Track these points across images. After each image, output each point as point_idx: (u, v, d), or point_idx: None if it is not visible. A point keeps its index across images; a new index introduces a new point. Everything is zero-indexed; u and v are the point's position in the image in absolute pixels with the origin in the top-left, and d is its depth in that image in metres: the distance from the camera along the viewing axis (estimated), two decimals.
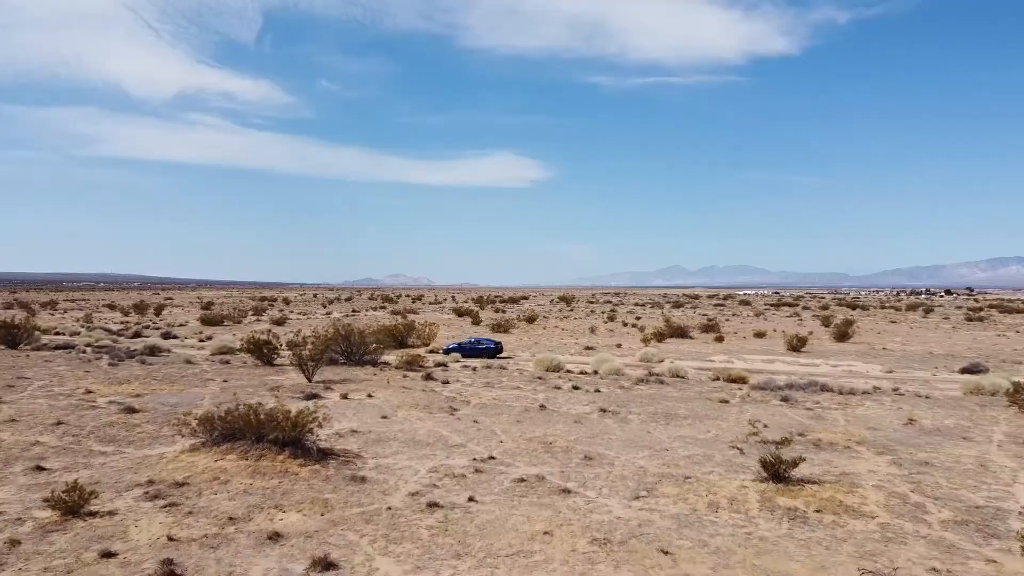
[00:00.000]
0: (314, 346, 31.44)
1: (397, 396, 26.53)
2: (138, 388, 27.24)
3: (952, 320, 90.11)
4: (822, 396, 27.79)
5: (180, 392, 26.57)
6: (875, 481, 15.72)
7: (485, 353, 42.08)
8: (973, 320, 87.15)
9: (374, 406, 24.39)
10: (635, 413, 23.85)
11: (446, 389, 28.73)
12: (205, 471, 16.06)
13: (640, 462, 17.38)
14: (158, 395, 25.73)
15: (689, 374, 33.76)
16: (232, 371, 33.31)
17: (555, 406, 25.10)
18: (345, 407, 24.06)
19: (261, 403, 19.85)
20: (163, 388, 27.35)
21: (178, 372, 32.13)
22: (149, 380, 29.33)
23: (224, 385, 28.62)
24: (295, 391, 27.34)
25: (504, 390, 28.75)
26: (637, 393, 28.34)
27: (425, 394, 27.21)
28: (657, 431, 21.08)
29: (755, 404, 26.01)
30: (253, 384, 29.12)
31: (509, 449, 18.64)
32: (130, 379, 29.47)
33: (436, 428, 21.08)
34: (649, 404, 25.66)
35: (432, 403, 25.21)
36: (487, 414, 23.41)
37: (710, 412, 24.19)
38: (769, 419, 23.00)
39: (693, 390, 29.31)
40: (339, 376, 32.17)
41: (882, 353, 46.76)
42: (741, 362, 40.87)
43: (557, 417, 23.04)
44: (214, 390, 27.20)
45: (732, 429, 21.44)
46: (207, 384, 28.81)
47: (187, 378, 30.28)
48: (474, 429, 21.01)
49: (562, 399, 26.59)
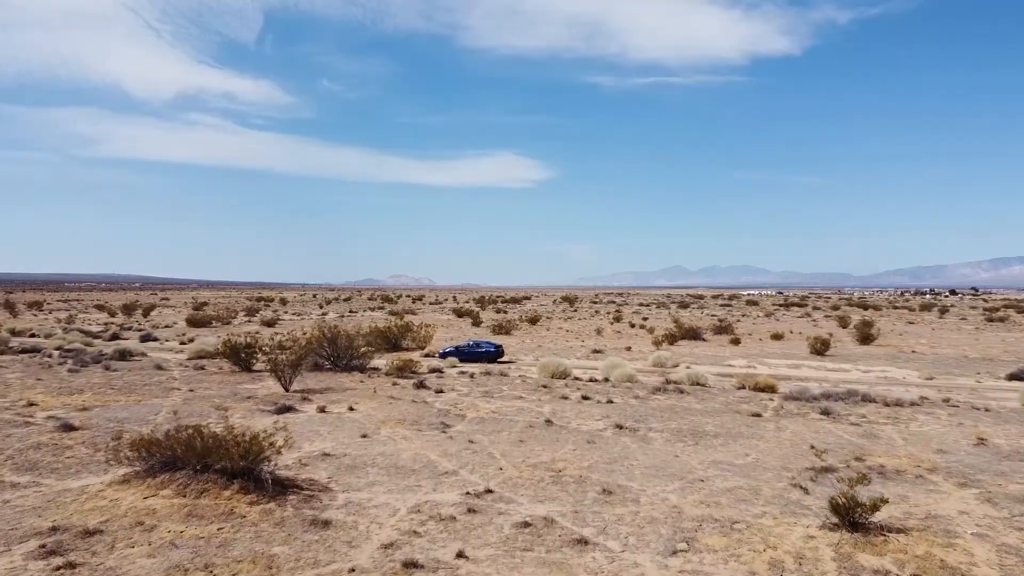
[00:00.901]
0: (294, 350, 28.21)
1: (382, 409, 23.29)
2: (89, 399, 24.04)
3: (970, 321, 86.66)
4: (866, 408, 24.49)
5: (136, 404, 23.36)
6: (973, 528, 12.43)
7: (484, 357, 38.82)
8: (994, 321, 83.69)
9: (354, 421, 21.15)
10: (656, 430, 20.57)
11: (439, 400, 25.49)
12: (129, 512, 12.83)
13: (671, 498, 14.11)
14: (109, 408, 22.52)
15: (710, 381, 30.48)
16: (204, 378, 30.10)
17: (563, 421, 21.84)
18: (320, 423, 20.82)
19: (209, 423, 16.66)
20: (118, 399, 24.14)
21: (142, 380, 28.92)
22: (105, 389, 26.12)
23: (189, 395, 25.41)
24: (267, 402, 24.12)
25: (505, 401, 25.51)
26: (655, 404, 25.07)
27: (415, 406, 23.96)
28: (686, 454, 17.80)
29: (792, 418, 22.73)
30: (222, 394, 25.90)
31: (510, 479, 15.39)
32: (84, 388, 26.27)
33: (424, 450, 17.83)
34: (671, 418, 22.39)
35: (422, 417, 21.97)
36: (485, 431, 20.16)
37: (743, 429, 20.91)
38: (813, 437, 19.72)
39: (717, 400, 26.03)
40: (321, 384, 28.94)
41: (912, 357, 43.42)
42: (764, 367, 37.56)
43: (566, 435, 19.77)
44: (175, 402, 23.99)
45: (774, 451, 18.15)
46: (170, 394, 25.60)
47: (150, 387, 27.07)
48: (469, 451, 17.76)
49: (571, 412, 23.34)
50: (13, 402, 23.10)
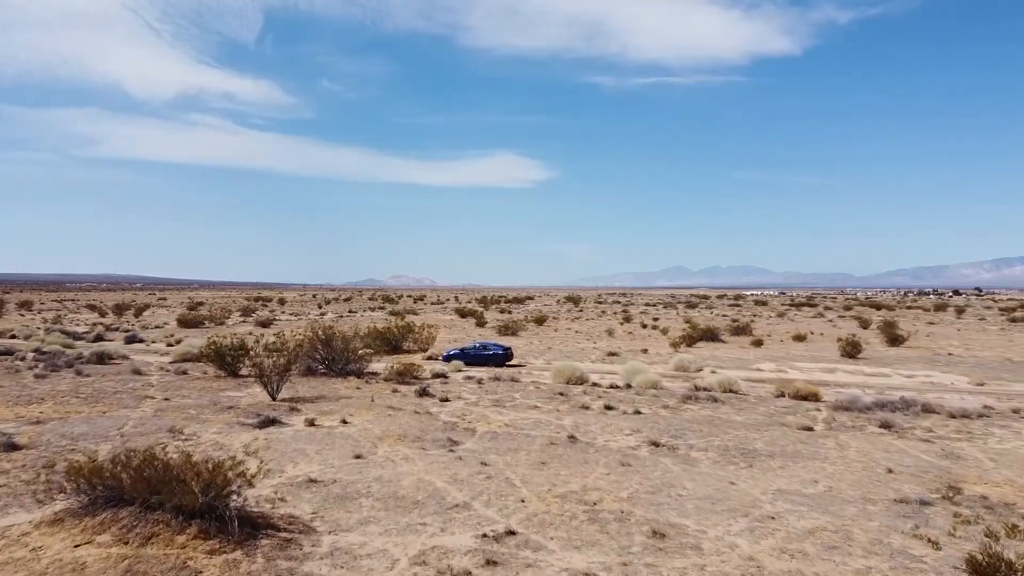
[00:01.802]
0: (283, 353, 25.33)
1: (380, 421, 20.42)
2: (48, 410, 21.20)
3: (991, 321, 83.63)
4: (929, 420, 21.60)
5: (99, 416, 20.50)
6: None
7: (492, 360, 35.92)
8: (1017, 321, 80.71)
9: (347, 437, 18.28)
10: (699, 448, 17.69)
11: (445, 410, 22.63)
12: (51, 567, 10.00)
13: (741, 543, 11.24)
14: (67, 421, 19.67)
15: (742, 388, 27.60)
16: (184, 384, 27.26)
17: (589, 436, 18.97)
18: (308, 440, 17.96)
19: (177, 442, 13.82)
20: (80, 410, 21.29)
21: (114, 386, 26.08)
22: (70, 398, 23.28)
23: (163, 405, 22.55)
24: (250, 414, 21.26)
25: (519, 411, 22.64)
26: (689, 416, 22.19)
27: (417, 418, 21.09)
28: (742, 480, 14.92)
29: (849, 433, 19.84)
30: (201, 403, 23.04)
31: (535, 515, 12.53)
32: (46, 396, 23.43)
33: (429, 475, 14.97)
34: (712, 433, 19.51)
35: (425, 432, 19.10)
36: (499, 450, 17.30)
37: (799, 447, 18.02)
38: (885, 458, 16.84)
39: (758, 411, 23.15)
40: (314, 391, 26.09)
41: (950, 360, 40.49)
42: (795, 372, 34.66)
43: (595, 455, 16.91)
44: (145, 413, 21.13)
45: (845, 476, 15.27)
46: (141, 404, 22.75)
47: (120, 395, 24.22)
48: (482, 476, 14.90)
49: (595, 425, 20.46)
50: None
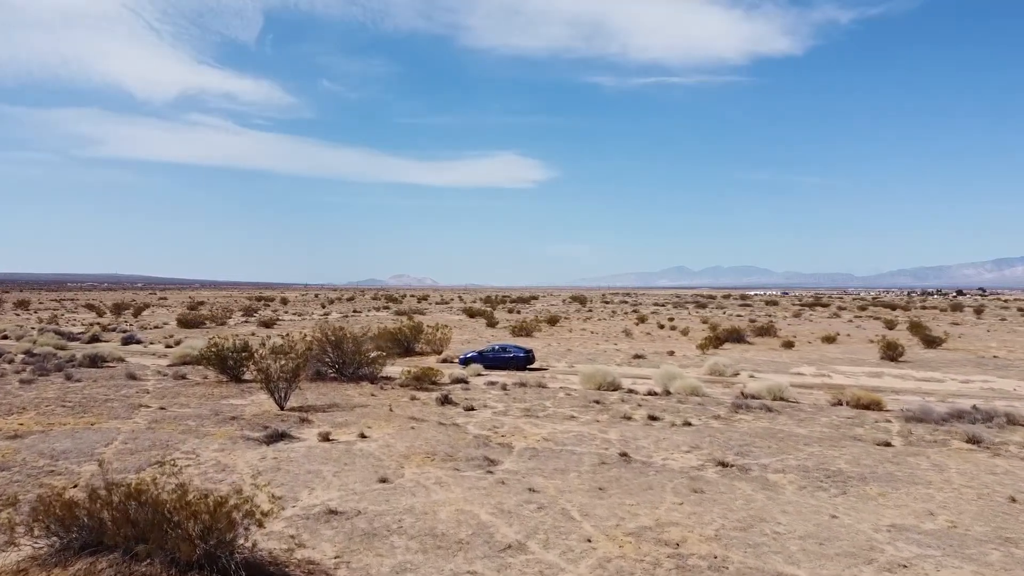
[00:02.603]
0: (291, 357, 23.03)
1: (403, 435, 18.10)
2: (30, 421, 18.89)
3: (1012, 321, 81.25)
4: (1018, 433, 19.25)
5: (86, 429, 18.18)
6: None
7: (513, 363, 33.58)
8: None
9: (368, 456, 15.96)
10: (775, 470, 15.36)
11: (472, 421, 20.31)
12: None
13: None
14: (49, 435, 17.36)
15: (791, 394, 25.26)
16: (183, 391, 24.96)
17: (642, 453, 16.65)
18: (323, 458, 15.64)
19: (170, 463, 11.53)
20: (65, 422, 18.97)
21: (105, 393, 23.78)
22: (55, 407, 20.97)
23: (159, 415, 20.25)
24: (256, 426, 18.95)
25: (555, 422, 20.32)
26: (745, 428, 19.85)
27: (444, 431, 18.78)
28: (842, 512, 12.57)
29: (935, 449, 17.49)
30: (201, 413, 20.73)
31: (608, 560, 10.21)
32: (29, 405, 21.12)
33: (469, 504, 12.66)
34: (780, 449, 17.17)
35: (456, 449, 16.79)
36: (544, 470, 14.99)
37: (888, 467, 15.66)
38: (994, 480, 14.51)
39: (819, 422, 20.81)
40: (325, 398, 23.79)
41: (998, 363, 38.12)
42: (840, 376, 32.31)
43: (656, 477, 14.59)
44: (138, 425, 18.81)
45: (962, 506, 12.93)
46: (134, 414, 20.44)
47: (111, 404, 21.91)
48: (533, 507, 12.58)
49: (645, 439, 18.13)
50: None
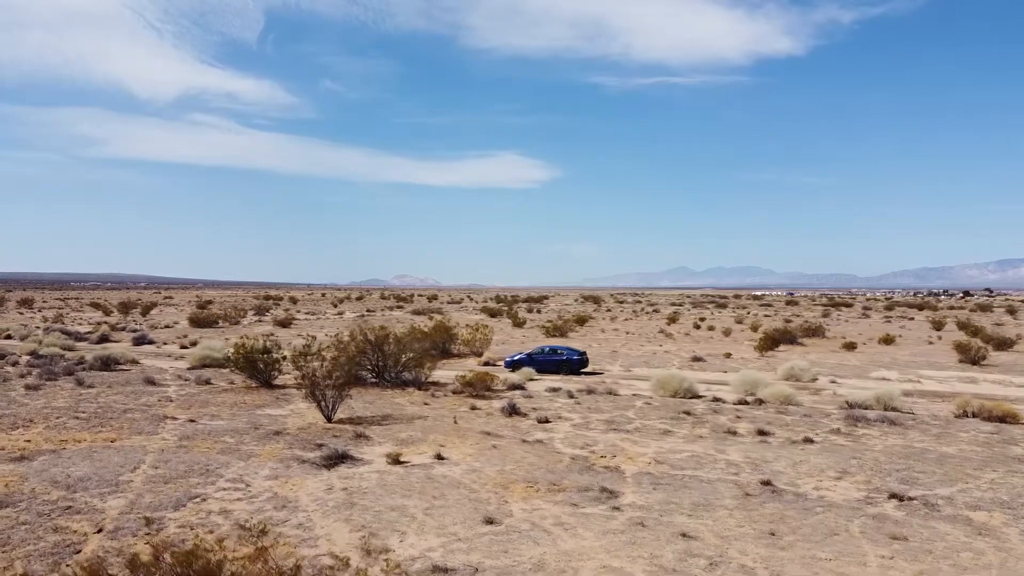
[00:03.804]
0: (334, 361, 20.04)
1: (487, 456, 15.11)
2: (38, 437, 15.91)
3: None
4: None
5: (104, 448, 15.19)
6: None
7: (566, 367, 30.56)
8: None
9: (456, 485, 12.96)
10: (967, 504, 12.31)
11: (555, 436, 17.32)
12: None
13: None
14: (61, 456, 14.37)
15: (902, 403, 22.23)
16: (210, 397, 21.99)
17: (783, 480, 13.64)
18: (402, 488, 12.64)
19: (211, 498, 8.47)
20: (80, 438, 15.99)
21: (123, 402, 20.79)
22: (66, 419, 17.99)
23: (189, 429, 17.26)
24: (305, 443, 15.97)
25: (650, 437, 17.31)
26: (879, 446, 16.81)
27: (531, 450, 15.78)
28: None
29: None
30: (238, 427, 17.74)
31: None
32: (37, 417, 18.14)
33: (616, 559, 9.65)
34: (949, 476, 14.12)
35: (557, 474, 13.80)
36: (681, 506, 11.98)
37: None
38: None
39: (960, 438, 17.75)
40: (373, 408, 20.81)
41: None
42: (931, 382, 29.27)
43: (826, 515, 11.58)
44: (166, 443, 15.82)
45: None
46: (160, 426, 17.46)
47: (131, 415, 18.92)
48: (700, 562, 9.57)
49: (775, 460, 15.11)
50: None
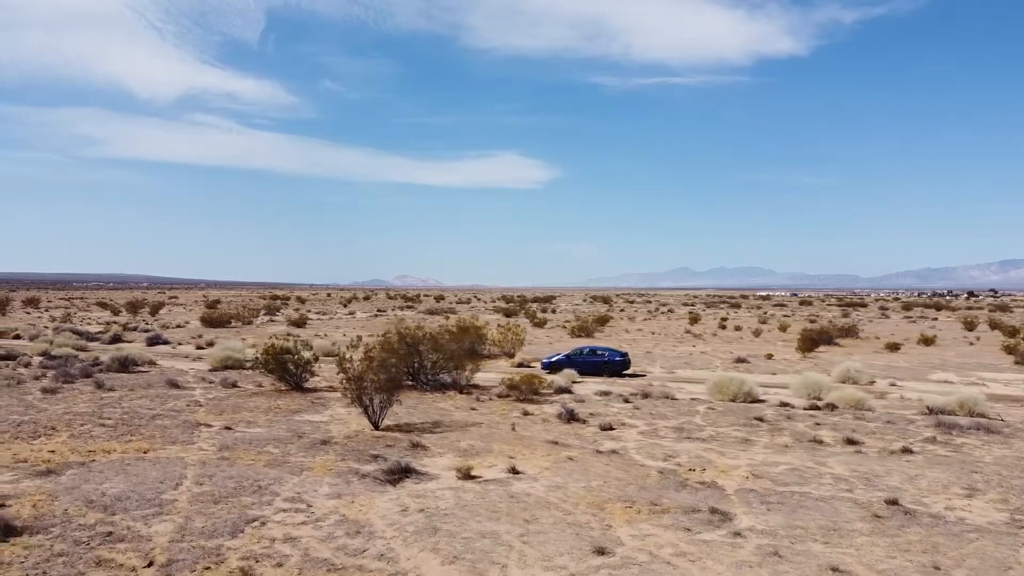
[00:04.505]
0: (374, 362, 18.46)
1: (566, 470, 13.53)
2: (63, 447, 14.36)
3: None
4: None
5: (138, 461, 13.62)
6: None
7: (607, 368, 29.01)
8: None
9: (546, 505, 11.39)
10: None
11: (627, 445, 15.76)
12: None
13: None
14: (91, 470, 12.81)
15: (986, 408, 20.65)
16: (240, 402, 20.44)
17: (907, 498, 12.06)
18: (486, 509, 11.07)
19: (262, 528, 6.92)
20: (110, 448, 14.43)
21: (150, 406, 19.24)
22: (92, 427, 16.42)
23: (226, 438, 15.70)
24: (358, 453, 14.41)
25: (736, 448, 15.75)
26: (988, 456, 15.24)
27: (610, 463, 14.21)
28: None
29: None
30: (279, 435, 16.18)
31: None
32: (59, 424, 16.58)
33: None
34: None
35: (650, 490, 12.24)
36: (807, 529, 10.41)
37: None
38: None
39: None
40: (417, 412, 19.25)
41: None
42: (996, 384, 27.70)
43: (983, 543, 10.01)
44: (205, 455, 14.25)
45: None
46: (195, 434, 15.89)
47: (161, 421, 17.36)
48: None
49: (887, 474, 13.52)
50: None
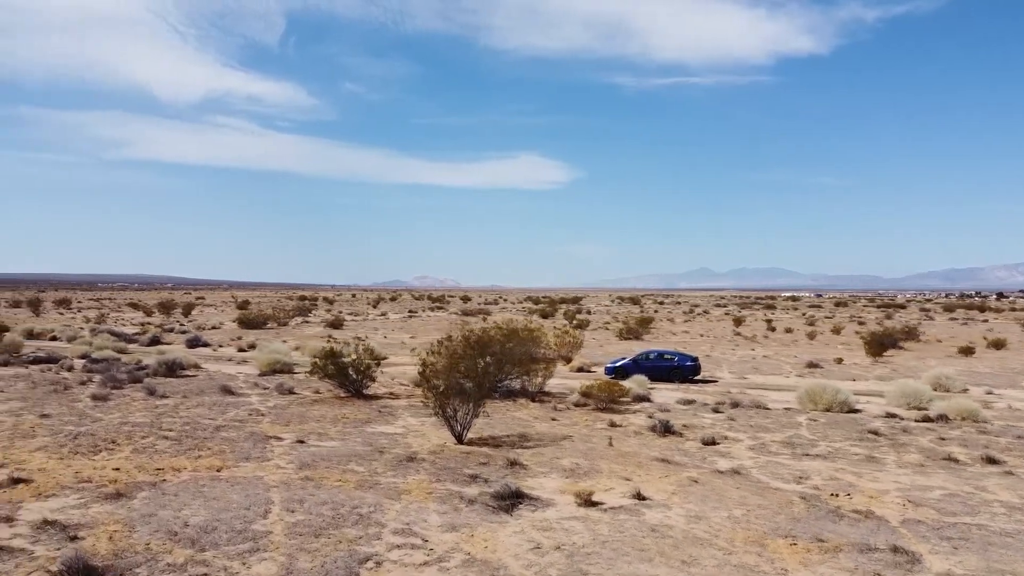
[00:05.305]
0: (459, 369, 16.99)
1: (696, 494, 11.90)
2: (126, 464, 13.02)
3: None
4: None
5: (214, 479, 12.23)
6: None
7: (678, 374, 27.31)
8: None
9: (697, 540, 9.79)
10: None
11: (744, 462, 14.11)
12: None
13: None
14: (165, 491, 11.42)
15: None
16: (303, 410, 19.08)
17: None
18: (634, 548, 9.47)
19: None
20: (179, 465, 13.06)
21: (209, 416, 17.92)
22: (154, 439, 15.10)
23: (302, 454, 14.29)
24: (453, 473, 12.91)
25: (862, 466, 14.03)
26: None
27: (738, 484, 12.57)
28: None
29: None
30: (357, 450, 14.74)
31: None
32: (118, 436, 15.27)
33: None
34: None
35: (805, 522, 10.59)
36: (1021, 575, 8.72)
37: None
38: None
39: None
40: (495, 424, 17.73)
41: None
42: None
43: None
44: (284, 472, 12.83)
45: None
46: (267, 449, 14.50)
47: (226, 432, 16.02)
48: None
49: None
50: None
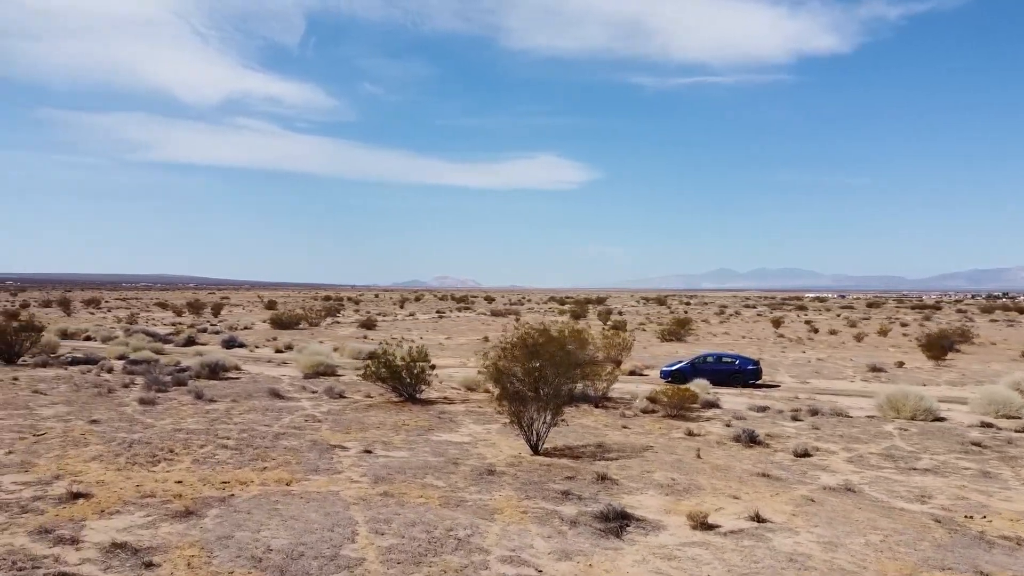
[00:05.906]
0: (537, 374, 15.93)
1: (819, 516, 10.71)
2: (189, 476, 12.12)
3: None
4: None
5: (284, 493, 11.28)
6: None
7: (739, 378, 26.04)
8: None
9: (842, 572, 8.62)
10: None
11: (850, 478, 12.87)
12: None
13: None
14: (236, 508, 10.49)
15: None
16: (359, 416, 18.13)
17: None
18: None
19: None
20: (245, 477, 12.14)
21: (264, 422, 17.04)
22: (211, 447, 14.23)
23: (372, 465, 13.30)
24: (541, 489, 11.84)
25: (982, 482, 12.73)
26: None
27: (856, 504, 11.36)
28: None
29: None
30: (428, 462, 13.74)
31: None
32: (175, 444, 14.42)
33: None
34: None
35: (957, 553, 9.37)
36: None
37: None
38: None
39: None
40: (566, 432, 16.62)
41: None
42: None
43: None
44: (359, 487, 11.84)
45: None
46: (334, 460, 13.54)
47: (286, 440, 15.10)
48: None
49: None
50: (42, 486, 11.33)
